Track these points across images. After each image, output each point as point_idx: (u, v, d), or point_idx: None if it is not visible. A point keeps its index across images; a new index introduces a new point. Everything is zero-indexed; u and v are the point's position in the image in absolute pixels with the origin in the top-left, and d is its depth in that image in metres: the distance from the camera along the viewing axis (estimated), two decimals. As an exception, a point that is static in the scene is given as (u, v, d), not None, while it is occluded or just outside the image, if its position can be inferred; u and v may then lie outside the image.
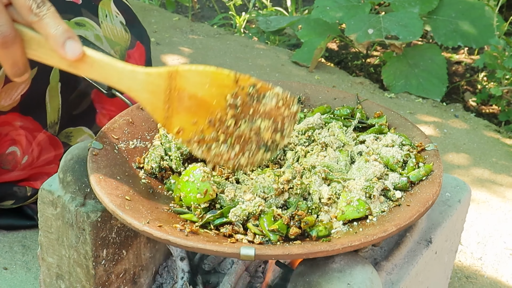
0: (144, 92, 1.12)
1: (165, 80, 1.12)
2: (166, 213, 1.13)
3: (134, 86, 1.12)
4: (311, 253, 1.00)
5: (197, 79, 1.12)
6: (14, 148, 1.79)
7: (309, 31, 3.24)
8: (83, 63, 1.09)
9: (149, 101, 1.13)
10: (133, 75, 1.12)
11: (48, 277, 1.37)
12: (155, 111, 1.13)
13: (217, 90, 1.12)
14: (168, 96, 1.12)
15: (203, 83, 1.12)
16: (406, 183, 1.19)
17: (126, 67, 1.11)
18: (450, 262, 1.51)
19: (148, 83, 1.12)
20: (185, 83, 1.12)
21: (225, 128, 1.12)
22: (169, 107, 1.13)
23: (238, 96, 1.12)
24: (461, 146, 2.55)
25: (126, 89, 1.13)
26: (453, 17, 3.06)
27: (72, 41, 1.07)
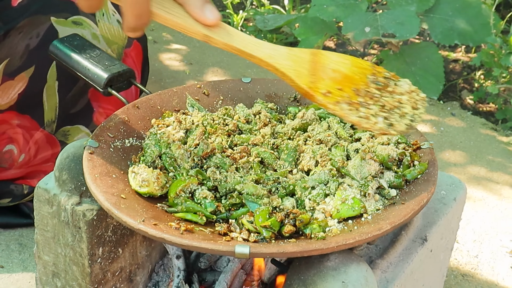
0: (287, 60, 1.12)
1: (308, 55, 1.14)
2: (161, 212, 1.13)
3: (275, 54, 1.11)
4: (306, 251, 1.01)
5: (338, 59, 1.16)
6: (11, 147, 1.79)
7: (306, 29, 3.24)
8: (221, 28, 1.08)
9: (293, 68, 1.12)
10: (273, 46, 1.12)
11: (44, 275, 1.38)
12: (300, 77, 1.11)
13: (358, 69, 1.16)
14: (312, 66, 1.13)
15: (344, 63, 1.16)
16: (401, 181, 1.19)
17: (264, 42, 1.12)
18: (445, 260, 1.51)
19: (290, 54, 1.13)
20: (327, 60, 1.15)
21: (371, 95, 1.13)
22: (314, 74, 1.12)
23: (377, 76, 1.16)
24: (457, 144, 2.55)
25: (266, 56, 1.11)
26: (450, 15, 3.06)
27: (211, 5, 1.05)
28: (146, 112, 1.38)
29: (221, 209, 1.14)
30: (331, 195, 1.15)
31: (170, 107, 1.42)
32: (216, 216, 1.13)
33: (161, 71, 2.92)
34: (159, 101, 1.42)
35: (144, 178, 1.16)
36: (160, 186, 1.17)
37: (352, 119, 1.10)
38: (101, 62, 1.47)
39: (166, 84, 2.80)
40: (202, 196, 1.15)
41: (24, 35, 1.74)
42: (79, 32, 1.80)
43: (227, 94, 1.47)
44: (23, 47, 1.74)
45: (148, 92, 1.45)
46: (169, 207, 1.15)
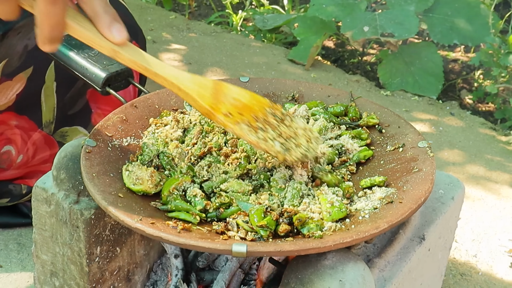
0: (191, 83, 1.16)
1: (211, 83, 1.19)
2: (159, 211, 1.13)
3: (180, 77, 1.16)
4: (303, 249, 1.00)
5: (239, 91, 1.21)
6: (9, 147, 1.79)
7: (305, 29, 3.24)
8: (129, 47, 1.11)
9: (196, 90, 1.16)
10: (178, 71, 1.17)
11: (43, 274, 1.38)
12: (202, 97, 1.16)
13: (257, 103, 1.21)
14: (215, 93, 1.18)
15: (244, 96, 1.21)
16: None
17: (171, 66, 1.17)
18: (444, 259, 1.51)
19: (194, 79, 1.17)
20: (228, 91, 1.20)
21: (269, 123, 1.19)
22: (215, 98, 1.18)
23: (275, 111, 1.22)
24: (456, 144, 2.55)
25: (172, 77, 1.15)
26: (449, 15, 3.06)
27: (119, 25, 1.08)
28: (144, 111, 1.38)
29: (210, 209, 1.14)
30: (308, 196, 1.17)
31: (168, 106, 1.42)
32: (206, 215, 1.13)
33: (160, 71, 2.92)
34: (157, 101, 1.42)
35: (138, 176, 1.16)
36: (154, 184, 1.17)
37: (251, 139, 1.16)
38: (99, 61, 1.47)
39: (165, 84, 2.80)
40: (192, 194, 1.15)
41: (23, 36, 1.73)
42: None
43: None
44: (21, 47, 1.74)
45: (146, 92, 1.45)
46: (163, 205, 1.15)
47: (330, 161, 1.28)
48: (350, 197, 1.19)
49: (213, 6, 3.84)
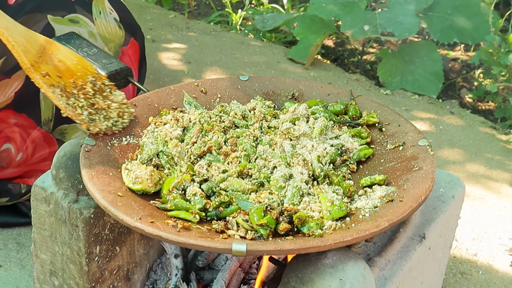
0: (21, 37, 1.25)
1: (42, 40, 1.29)
2: (158, 209, 1.13)
3: (13, 29, 1.24)
4: (303, 248, 1.00)
5: (68, 54, 1.31)
6: (9, 146, 1.78)
7: (305, 28, 3.24)
8: None
9: (23, 44, 1.24)
10: (13, 23, 1.26)
11: (42, 274, 1.37)
12: (27, 53, 1.24)
13: (82, 68, 1.32)
14: (41, 50, 1.27)
15: (72, 59, 1.32)
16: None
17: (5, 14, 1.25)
18: (444, 258, 1.51)
19: (26, 33, 1.26)
20: (57, 51, 1.30)
21: (85, 92, 1.28)
22: (40, 57, 1.26)
23: (97, 80, 1.32)
24: (456, 143, 2.55)
25: (3, 27, 1.23)
26: (449, 13, 3.06)
27: None
28: (143, 110, 1.38)
29: (210, 207, 1.13)
30: (308, 195, 1.17)
31: (168, 105, 1.41)
32: (205, 214, 1.13)
33: (159, 70, 2.92)
34: (156, 99, 1.41)
35: (137, 175, 1.16)
36: (154, 183, 1.17)
37: (60, 103, 1.24)
38: (99, 60, 1.46)
39: (164, 83, 2.80)
40: (192, 193, 1.15)
41: (21, 34, 1.73)
42: (76, 30, 1.79)
43: (224, 92, 1.47)
44: (20, 45, 1.73)
45: (146, 90, 1.44)
46: (162, 204, 1.14)
47: (332, 161, 1.27)
48: (350, 196, 1.19)
49: (212, 5, 3.84)
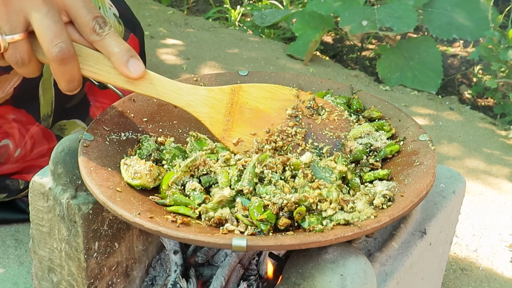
0: (205, 107, 1.20)
1: (227, 95, 1.21)
2: (157, 205, 1.12)
3: (194, 101, 1.19)
4: (304, 243, 0.99)
5: (259, 93, 1.22)
6: (7, 141, 1.77)
7: (304, 24, 3.23)
8: (143, 80, 1.16)
9: (209, 115, 1.20)
10: (193, 92, 1.20)
11: (40, 270, 1.37)
12: (214, 124, 1.20)
13: (278, 103, 1.22)
14: (229, 109, 1.20)
15: (265, 97, 1.21)
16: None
17: (186, 85, 1.20)
18: (445, 254, 1.50)
19: (209, 98, 1.20)
20: (247, 97, 1.21)
21: (284, 136, 1.20)
22: (229, 120, 1.20)
23: (298, 108, 1.22)
24: (456, 138, 2.54)
25: (185, 105, 1.20)
26: (448, 9, 3.05)
27: (135, 59, 1.14)
28: (142, 105, 1.37)
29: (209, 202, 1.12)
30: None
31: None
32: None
33: (158, 66, 2.91)
34: (155, 94, 1.40)
35: (136, 170, 1.15)
36: (153, 178, 1.16)
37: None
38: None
39: (163, 79, 2.79)
40: (191, 188, 1.14)
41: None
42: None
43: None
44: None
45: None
46: (161, 199, 1.14)
47: (356, 159, 1.26)
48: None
49: (211, 1, 3.83)
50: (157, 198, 1.14)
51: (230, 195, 1.11)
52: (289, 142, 1.20)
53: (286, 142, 1.20)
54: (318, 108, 1.25)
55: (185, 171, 1.17)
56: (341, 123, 1.26)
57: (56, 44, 1.09)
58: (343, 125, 1.25)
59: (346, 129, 1.24)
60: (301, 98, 1.24)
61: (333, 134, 1.25)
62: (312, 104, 1.24)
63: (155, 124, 1.35)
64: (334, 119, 1.25)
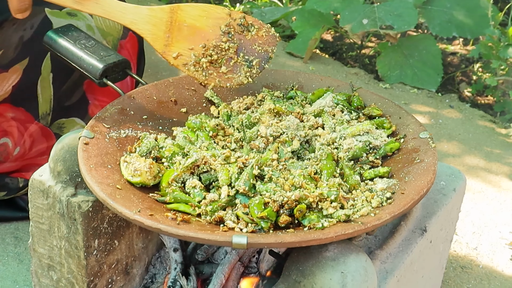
0: (147, 24, 1.30)
1: (167, 13, 1.31)
2: (157, 202, 1.12)
3: (137, 19, 1.29)
4: (304, 241, 0.99)
5: (196, 12, 1.33)
6: (6, 140, 1.77)
7: (303, 22, 3.22)
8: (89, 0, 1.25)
9: (151, 32, 1.30)
10: (136, 10, 1.30)
11: (40, 268, 1.36)
12: (156, 40, 1.30)
13: (213, 20, 1.33)
14: (169, 27, 1.31)
15: (201, 16, 1.33)
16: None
17: (130, 5, 1.30)
18: (445, 252, 1.50)
19: (151, 17, 1.30)
20: (185, 15, 1.32)
21: (218, 51, 1.32)
22: (169, 36, 1.31)
23: (230, 25, 1.33)
24: (456, 136, 2.54)
25: (129, 23, 1.30)
26: (448, 7, 3.05)
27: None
28: (141, 103, 1.37)
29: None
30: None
31: (166, 97, 1.41)
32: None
33: (157, 64, 2.90)
34: (155, 92, 1.40)
35: (136, 168, 1.15)
36: (153, 175, 1.16)
37: (198, 76, 1.31)
38: (96, 52, 1.45)
39: (162, 76, 2.79)
40: (191, 186, 1.14)
41: (18, 27, 1.72)
42: (73, 23, 1.77)
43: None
44: (17, 38, 1.72)
45: (144, 83, 1.43)
46: (161, 196, 1.13)
47: (355, 157, 1.25)
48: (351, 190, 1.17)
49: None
50: (157, 195, 1.14)
51: (230, 194, 1.11)
52: (223, 55, 1.31)
53: (220, 55, 1.31)
54: (248, 25, 1.35)
55: (185, 170, 1.17)
56: (268, 38, 1.36)
57: None
58: (271, 40, 1.36)
59: (273, 44, 1.35)
60: (233, 16, 1.34)
61: (261, 49, 1.35)
62: (243, 21, 1.34)
63: (154, 122, 1.35)
64: (262, 35, 1.35)
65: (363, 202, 1.10)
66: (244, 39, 1.35)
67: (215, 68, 1.31)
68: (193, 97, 1.43)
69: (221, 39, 1.32)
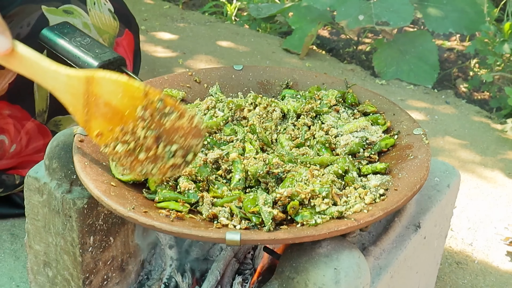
0: (66, 94, 1.14)
1: (83, 85, 1.12)
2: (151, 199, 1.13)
3: (57, 86, 1.14)
4: (298, 237, 1.00)
5: (111, 87, 1.11)
6: (2, 137, 1.77)
7: (300, 18, 3.23)
8: (13, 58, 1.13)
9: (71, 103, 1.14)
10: (56, 76, 1.13)
11: (36, 264, 1.37)
12: (76, 113, 1.14)
13: (129, 101, 1.10)
14: (86, 100, 1.13)
15: (116, 92, 1.11)
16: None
17: (50, 66, 1.13)
18: (439, 248, 1.51)
19: (69, 86, 1.13)
20: (100, 90, 1.11)
21: (135, 138, 1.10)
22: (88, 111, 1.13)
23: (147, 109, 1.09)
24: (452, 132, 2.54)
25: (51, 88, 1.15)
26: (444, 3, 3.05)
27: (2, 36, 1.11)
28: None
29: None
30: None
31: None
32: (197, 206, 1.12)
33: (154, 61, 2.91)
34: (150, 89, 1.40)
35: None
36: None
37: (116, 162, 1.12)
38: (92, 50, 1.46)
39: (159, 73, 2.79)
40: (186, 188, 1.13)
41: (15, 24, 1.72)
42: (70, 21, 1.78)
43: (218, 81, 1.46)
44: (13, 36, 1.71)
45: (139, 80, 1.43)
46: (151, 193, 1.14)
47: (352, 152, 1.26)
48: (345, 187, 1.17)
49: (207, -5, 3.82)
50: (147, 192, 1.14)
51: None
52: (141, 144, 1.09)
53: (138, 144, 1.10)
54: (167, 111, 1.10)
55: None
56: (191, 130, 1.10)
57: None
58: (194, 132, 1.10)
59: (198, 136, 1.10)
60: (150, 97, 1.09)
61: (185, 141, 1.10)
62: (160, 106, 1.09)
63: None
64: (183, 124, 1.10)
65: (356, 198, 1.11)
66: (163, 127, 1.10)
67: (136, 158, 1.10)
68: (188, 94, 1.44)
69: (138, 124, 1.09)
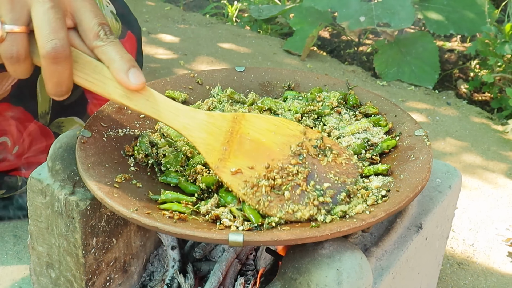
0: (202, 132, 1.11)
1: (228, 123, 1.12)
2: (154, 201, 1.13)
3: (192, 124, 1.11)
4: (300, 238, 1.00)
5: (263, 125, 1.12)
6: (5, 139, 1.78)
7: (301, 19, 3.24)
8: (140, 95, 1.09)
9: (205, 141, 1.11)
10: (192, 114, 1.12)
11: (39, 266, 1.37)
12: (210, 152, 1.10)
13: (283, 138, 1.12)
14: (228, 138, 1.11)
15: (269, 130, 1.12)
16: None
17: (185, 106, 1.12)
18: (441, 249, 1.51)
19: (208, 123, 1.11)
20: (249, 128, 1.11)
21: (284, 174, 1.08)
22: (226, 149, 1.11)
23: (303, 146, 1.11)
24: (453, 133, 2.55)
25: (181, 127, 1.11)
26: (445, 4, 3.06)
27: (137, 70, 1.08)
28: (139, 102, 1.36)
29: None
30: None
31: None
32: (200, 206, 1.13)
33: (155, 62, 2.92)
34: (152, 91, 1.40)
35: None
36: None
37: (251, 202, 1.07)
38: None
39: (160, 75, 2.80)
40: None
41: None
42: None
43: (220, 83, 1.47)
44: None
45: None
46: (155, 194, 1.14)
47: (354, 154, 1.25)
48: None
49: (208, -3, 3.83)
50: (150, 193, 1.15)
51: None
52: (289, 181, 1.08)
53: (286, 180, 1.08)
54: (325, 148, 1.14)
55: None
56: (348, 167, 1.14)
57: (51, 40, 1.03)
58: (350, 171, 1.14)
59: (354, 175, 1.13)
60: (308, 136, 1.14)
61: (338, 179, 1.12)
62: (319, 143, 1.14)
63: (152, 120, 1.35)
64: (342, 162, 1.14)
65: (358, 199, 1.11)
66: (318, 165, 1.12)
67: (277, 195, 1.07)
68: (190, 96, 1.44)
69: (290, 160, 1.10)
